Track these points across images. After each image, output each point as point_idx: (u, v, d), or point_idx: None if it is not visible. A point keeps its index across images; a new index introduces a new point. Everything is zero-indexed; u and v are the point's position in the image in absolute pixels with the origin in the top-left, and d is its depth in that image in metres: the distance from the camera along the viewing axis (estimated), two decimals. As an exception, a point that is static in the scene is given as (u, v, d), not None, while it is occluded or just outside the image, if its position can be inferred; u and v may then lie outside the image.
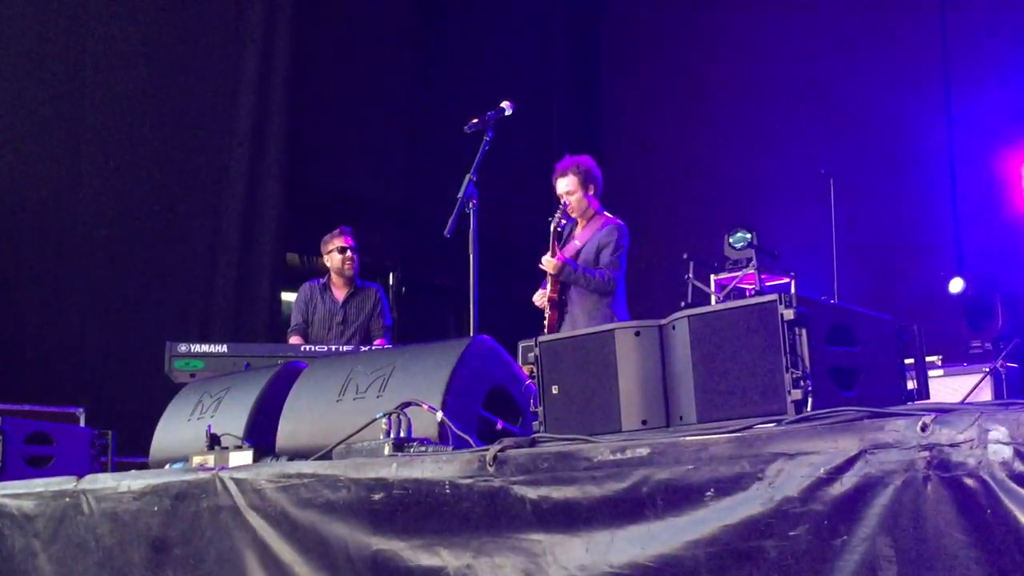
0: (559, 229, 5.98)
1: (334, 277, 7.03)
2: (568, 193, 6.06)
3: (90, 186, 8.57)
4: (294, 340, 6.83)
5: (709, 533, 2.34)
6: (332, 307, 6.94)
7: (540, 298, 6.18)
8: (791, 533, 2.23)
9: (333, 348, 5.76)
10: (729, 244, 8.82)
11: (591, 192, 6.09)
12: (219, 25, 9.35)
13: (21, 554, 4.15)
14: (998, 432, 2.01)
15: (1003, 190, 8.36)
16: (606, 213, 6.14)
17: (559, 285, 5.99)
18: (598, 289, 5.93)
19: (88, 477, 4.07)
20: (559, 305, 6.03)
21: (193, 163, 9.12)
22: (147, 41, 8.93)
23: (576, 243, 6.08)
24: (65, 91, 8.53)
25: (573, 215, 6.11)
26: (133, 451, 5.94)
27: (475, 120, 5.49)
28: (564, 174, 6.10)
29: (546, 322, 6.08)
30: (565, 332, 5.05)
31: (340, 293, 7.00)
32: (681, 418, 2.99)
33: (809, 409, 2.67)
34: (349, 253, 6.97)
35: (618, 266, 6.00)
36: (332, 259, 7.01)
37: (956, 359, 6.92)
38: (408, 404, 3.39)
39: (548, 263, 5.88)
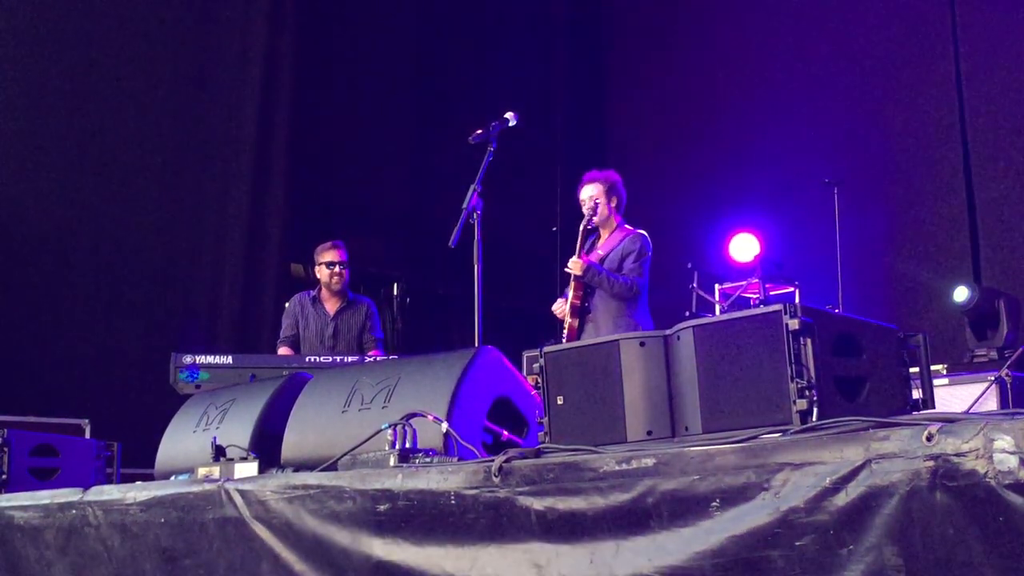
0: (587, 228, 6.10)
1: (324, 290, 7.03)
2: (592, 199, 6.18)
3: (94, 198, 8.59)
4: (283, 351, 6.84)
5: (715, 544, 2.34)
6: (323, 320, 6.93)
7: (559, 307, 6.20)
8: (797, 543, 2.23)
9: (337, 359, 5.76)
10: (733, 254, 8.82)
11: (614, 204, 6.21)
12: (223, 35, 9.38)
13: (36, 564, 4.16)
14: (1004, 441, 2.01)
15: (1007, 198, 8.35)
16: (627, 226, 6.22)
17: (582, 291, 6.02)
18: (621, 294, 6.00)
19: (94, 489, 4.07)
20: (581, 312, 6.05)
21: (197, 173, 9.14)
22: (151, 50, 8.95)
23: (599, 252, 6.13)
24: (68, 103, 8.55)
25: (594, 223, 6.21)
26: (138, 463, 5.93)
27: (479, 131, 5.51)
28: (591, 182, 6.25)
29: (565, 331, 6.08)
30: (570, 343, 5.06)
31: (331, 307, 6.98)
32: (686, 428, 2.99)
33: (814, 419, 2.67)
34: (337, 268, 6.94)
35: (641, 274, 6.10)
36: (321, 272, 7.01)
37: (961, 368, 6.90)
38: (413, 415, 3.40)
39: (575, 264, 5.98)
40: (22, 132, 8.32)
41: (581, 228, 6.15)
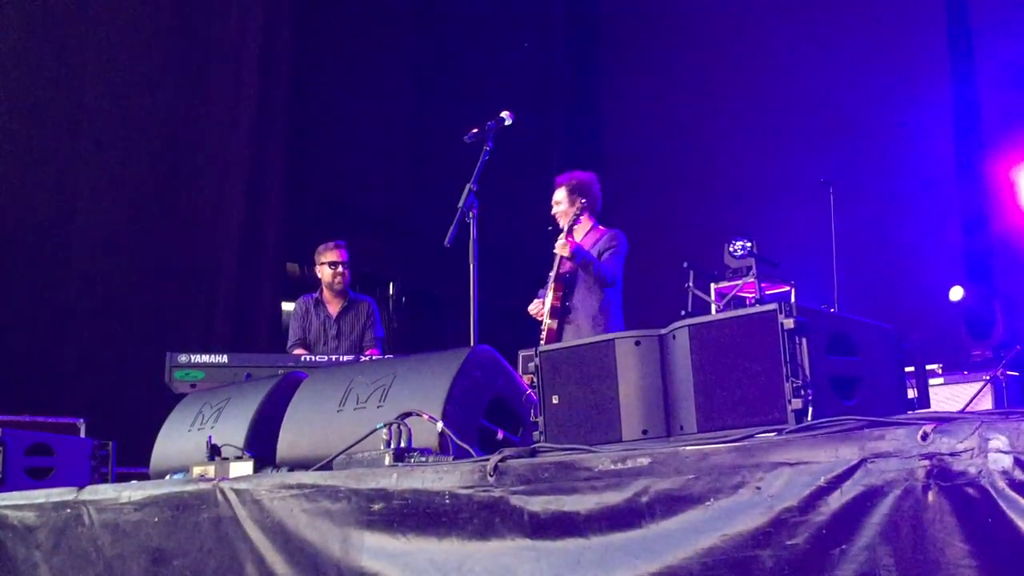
0: (573, 225, 6.12)
1: (326, 291, 6.98)
2: (556, 203, 6.31)
3: (90, 197, 8.58)
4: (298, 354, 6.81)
5: (707, 543, 2.34)
6: (326, 322, 6.90)
7: (537, 308, 6.23)
8: (788, 542, 2.23)
9: (334, 358, 5.75)
10: (729, 253, 8.81)
11: (578, 206, 6.20)
12: (220, 34, 9.37)
13: (23, 565, 4.14)
14: (998, 441, 2.01)
15: (1003, 198, 8.36)
16: (601, 227, 6.26)
17: (562, 291, 6.04)
18: (602, 279, 6.05)
19: (88, 488, 4.06)
20: (560, 313, 6.06)
21: (193, 173, 9.13)
22: (146, 54, 8.95)
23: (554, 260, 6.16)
24: (65, 103, 8.54)
25: (562, 226, 6.25)
26: (134, 462, 5.92)
27: (475, 130, 5.50)
28: (558, 186, 6.35)
29: (544, 333, 6.10)
30: (566, 342, 5.06)
31: (333, 308, 6.95)
32: (681, 427, 2.99)
33: (809, 418, 2.67)
34: (340, 268, 6.90)
35: (616, 267, 6.11)
36: (323, 272, 6.96)
37: (956, 367, 6.90)
38: (409, 414, 3.39)
39: (562, 246, 5.96)
40: (19, 134, 8.31)
41: (567, 221, 6.16)
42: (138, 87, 8.87)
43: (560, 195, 6.31)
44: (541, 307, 6.23)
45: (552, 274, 6.13)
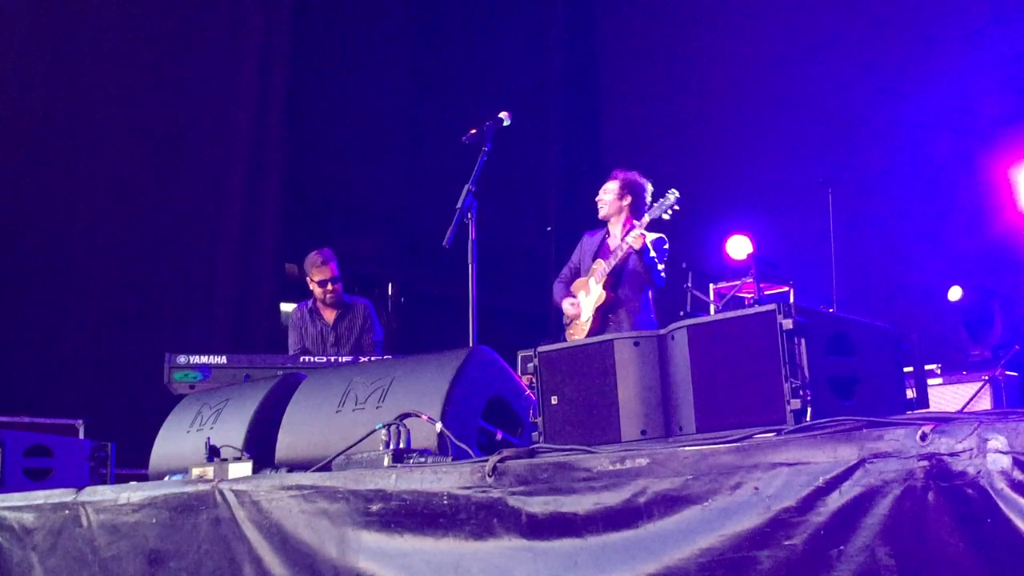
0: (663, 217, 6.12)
1: (319, 301, 6.89)
2: (604, 191, 6.34)
3: (89, 198, 8.58)
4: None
5: (705, 543, 2.34)
6: (323, 329, 6.82)
7: (572, 306, 6.20)
8: (786, 543, 2.23)
9: (332, 359, 5.74)
10: (728, 253, 8.82)
11: (626, 203, 6.27)
12: (218, 34, 9.37)
13: (19, 567, 4.13)
14: (997, 441, 2.01)
15: (1001, 199, 8.36)
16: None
17: (611, 283, 6.04)
18: (657, 278, 6.09)
19: (87, 489, 4.06)
20: (609, 308, 6.04)
21: (191, 173, 9.12)
22: (145, 53, 8.94)
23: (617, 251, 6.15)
24: (63, 102, 8.54)
25: (601, 215, 6.33)
26: (133, 463, 5.92)
27: (473, 131, 5.50)
28: (613, 178, 6.40)
29: (585, 328, 6.05)
30: (564, 342, 5.05)
31: (329, 314, 6.86)
32: (680, 428, 2.99)
33: (808, 419, 2.66)
34: (330, 286, 6.72)
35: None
36: (314, 288, 6.79)
37: (955, 367, 6.90)
38: (407, 415, 3.39)
39: (636, 237, 6.00)
40: (17, 135, 8.30)
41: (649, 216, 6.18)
42: (137, 86, 8.86)
43: (612, 186, 6.33)
44: (578, 307, 6.19)
45: (608, 266, 6.10)
